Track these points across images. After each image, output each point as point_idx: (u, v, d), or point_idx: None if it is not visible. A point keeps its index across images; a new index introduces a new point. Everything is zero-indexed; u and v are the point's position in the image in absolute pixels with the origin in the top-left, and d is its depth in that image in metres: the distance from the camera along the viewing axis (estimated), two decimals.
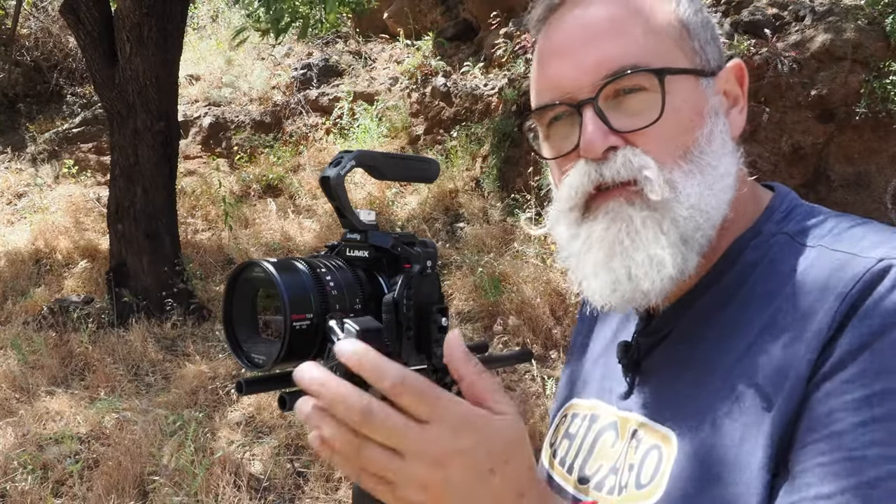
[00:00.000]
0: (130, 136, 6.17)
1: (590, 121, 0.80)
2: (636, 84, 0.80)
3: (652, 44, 0.81)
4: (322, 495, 4.04)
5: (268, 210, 7.93)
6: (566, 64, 0.83)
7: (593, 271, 0.83)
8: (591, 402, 0.98)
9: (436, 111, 7.96)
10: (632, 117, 0.81)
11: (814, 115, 5.60)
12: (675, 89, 0.80)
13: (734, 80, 0.87)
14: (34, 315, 6.25)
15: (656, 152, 0.80)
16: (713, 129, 0.82)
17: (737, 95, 0.87)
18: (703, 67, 0.84)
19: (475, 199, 6.97)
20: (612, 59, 0.80)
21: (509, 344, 5.16)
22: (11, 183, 8.87)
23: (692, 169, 0.80)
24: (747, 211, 0.87)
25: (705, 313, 0.84)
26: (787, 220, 0.84)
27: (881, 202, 5.42)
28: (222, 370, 5.20)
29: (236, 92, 9.56)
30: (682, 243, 0.80)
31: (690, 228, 0.79)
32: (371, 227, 0.81)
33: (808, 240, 0.80)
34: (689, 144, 0.81)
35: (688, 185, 0.80)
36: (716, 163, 0.81)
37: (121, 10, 5.94)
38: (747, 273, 0.82)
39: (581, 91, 0.81)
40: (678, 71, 0.81)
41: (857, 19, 5.55)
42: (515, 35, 7.45)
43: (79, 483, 4.06)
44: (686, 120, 0.81)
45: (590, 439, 0.92)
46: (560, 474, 0.95)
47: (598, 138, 0.80)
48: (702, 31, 0.85)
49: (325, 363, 0.75)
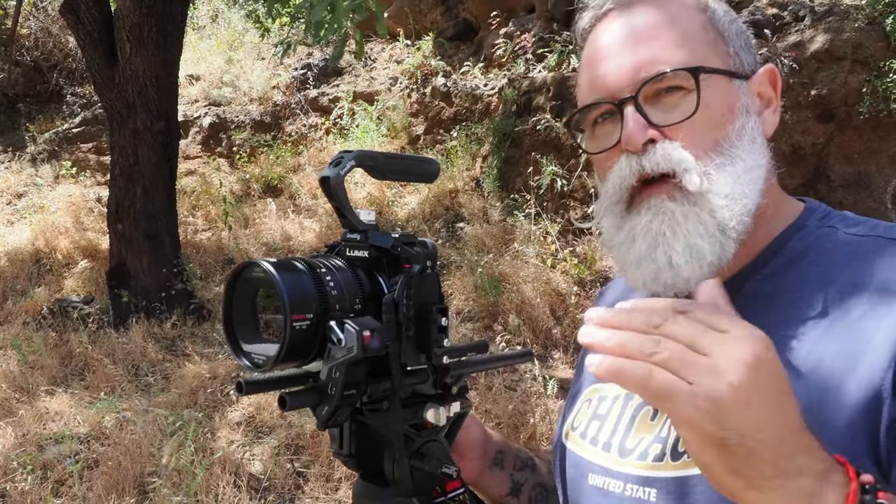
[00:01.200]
0: (130, 136, 6.17)
1: (630, 116, 0.87)
2: (673, 83, 0.86)
3: (688, 47, 0.88)
4: (322, 495, 4.04)
5: (268, 210, 7.92)
6: (609, 67, 0.90)
7: (637, 261, 0.88)
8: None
9: (436, 111, 7.96)
10: (669, 112, 0.87)
11: (814, 115, 5.60)
12: (709, 87, 0.86)
13: (767, 82, 0.94)
14: (34, 315, 6.25)
15: (691, 145, 0.85)
16: (744, 126, 0.88)
17: (770, 97, 0.94)
18: (737, 70, 0.90)
19: (475, 199, 6.96)
20: (651, 61, 0.87)
21: (509, 344, 5.16)
22: (11, 183, 8.87)
23: (724, 161, 0.86)
24: (786, 210, 0.93)
25: (756, 296, 0.88)
26: (829, 218, 0.90)
27: (881, 202, 5.42)
28: (222, 370, 5.20)
29: (236, 92, 9.56)
30: (719, 232, 0.84)
31: (726, 217, 0.84)
32: (371, 227, 0.81)
33: (857, 232, 0.86)
34: (720, 138, 0.86)
35: (721, 176, 0.85)
36: (745, 155, 0.86)
37: (121, 10, 5.94)
38: (796, 259, 0.87)
39: (622, 91, 0.88)
40: (712, 70, 0.87)
41: (857, 19, 5.54)
42: (515, 35, 7.45)
43: (79, 483, 4.06)
44: (718, 115, 0.87)
45: (627, 416, 0.94)
46: (591, 452, 0.97)
47: (638, 132, 0.86)
48: (736, 38, 0.92)
49: (325, 363, 0.75)
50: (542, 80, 6.75)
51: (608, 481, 0.91)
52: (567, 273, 5.71)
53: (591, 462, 0.95)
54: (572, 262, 5.72)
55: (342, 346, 0.73)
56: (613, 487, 0.90)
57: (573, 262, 5.72)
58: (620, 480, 0.90)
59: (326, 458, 4.20)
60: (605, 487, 0.92)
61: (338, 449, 0.83)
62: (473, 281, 5.73)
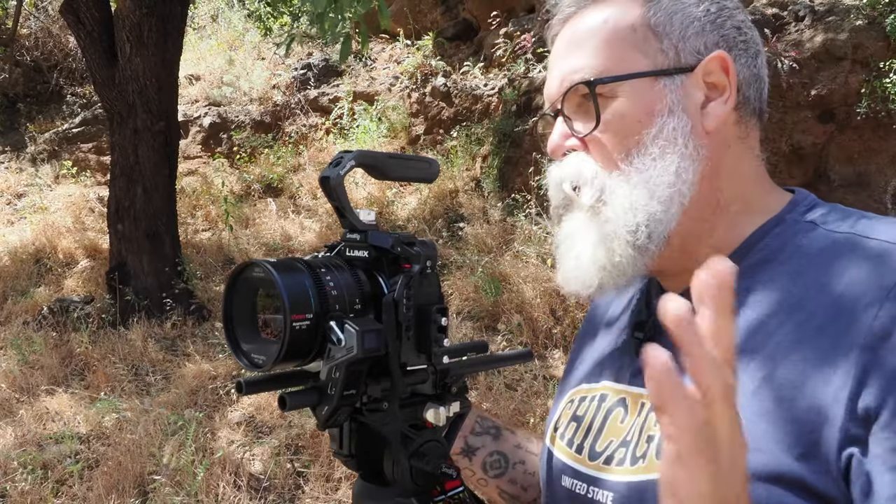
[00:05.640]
0: (130, 135, 6.17)
1: (557, 126, 0.92)
2: (584, 94, 0.88)
3: (605, 53, 0.88)
4: (322, 495, 4.04)
5: (268, 210, 7.92)
6: (551, 76, 0.94)
7: (559, 264, 0.94)
8: (600, 384, 1.00)
9: (436, 111, 7.95)
10: (585, 124, 0.89)
11: (814, 115, 5.60)
12: (623, 93, 0.86)
13: (719, 70, 0.87)
14: (34, 315, 6.25)
15: (601, 156, 0.88)
16: (663, 128, 0.85)
17: (724, 86, 0.87)
18: (668, 66, 0.86)
19: (475, 199, 6.96)
20: (571, 73, 0.89)
21: (510, 344, 5.16)
22: (11, 183, 8.87)
23: (630, 170, 0.86)
24: (769, 202, 0.89)
25: None
26: (811, 211, 0.87)
27: (881, 202, 5.42)
28: (222, 370, 5.20)
29: (236, 92, 9.56)
30: (610, 240, 0.86)
31: (620, 225, 0.85)
32: (371, 228, 0.81)
33: (835, 227, 0.83)
34: (631, 146, 0.86)
35: (622, 187, 0.86)
36: (657, 162, 0.85)
37: (121, 10, 5.94)
38: (769, 258, 0.84)
39: (556, 101, 0.91)
40: (613, 79, 0.86)
41: (857, 19, 5.54)
42: (515, 35, 7.45)
43: (79, 483, 4.06)
44: (632, 123, 0.86)
45: (599, 419, 0.95)
46: (567, 454, 0.97)
47: (556, 143, 0.91)
48: (679, 28, 0.87)
49: (324, 363, 0.75)
50: (542, 80, 6.75)
51: (576, 483, 0.93)
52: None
53: (566, 464, 0.96)
54: None
55: (342, 346, 0.73)
56: (580, 490, 0.92)
57: None
58: (585, 483, 0.91)
59: (326, 458, 4.20)
60: (573, 489, 0.93)
61: (338, 449, 0.83)
62: (473, 281, 5.73)
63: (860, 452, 0.68)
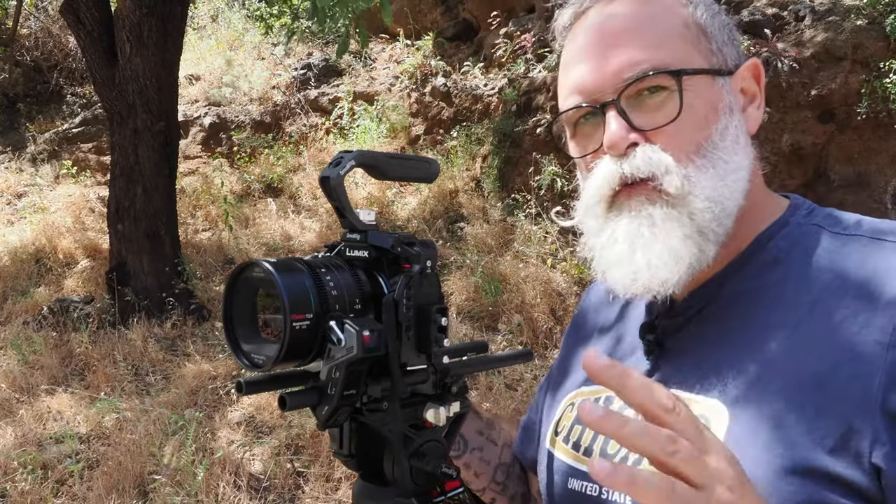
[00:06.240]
0: (130, 135, 6.17)
1: (613, 120, 0.86)
2: (656, 84, 0.85)
3: (669, 47, 0.86)
4: (322, 495, 4.04)
5: (268, 210, 7.92)
6: (590, 68, 0.88)
7: (617, 262, 0.88)
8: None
9: (436, 111, 7.95)
10: (652, 115, 0.85)
11: (814, 115, 5.60)
12: (692, 87, 0.85)
13: (751, 77, 0.92)
14: (34, 315, 6.25)
15: (673, 148, 0.84)
16: (727, 125, 0.86)
17: (754, 93, 0.92)
18: (720, 67, 0.88)
19: (475, 199, 6.96)
20: (632, 63, 0.85)
21: (510, 344, 5.16)
22: (11, 183, 8.87)
23: (705, 163, 0.85)
24: (770, 208, 0.91)
25: (737, 296, 0.87)
26: (813, 215, 0.89)
27: (881, 202, 5.42)
28: (222, 370, 5.20)
29: (236, 92, 9.56)
30: (698, 234, 0.84)
31: (706, 220, 0.84)
32: (371, 228, 0.81)
33: (841, 230, 0.85)
34: (702, 140, 0.85)
35: (702, 179, 0.84)
36: (727, 157, 0.85)
37: (121, 10, 5.94)
38: (779, 258, 0.86)
39: (604, 93, 0.86)
40: (694, 71, 0.85)
41: (858, 19, 5.54)
42: (515, 35, 7.45)
43: (79, 483, 4.06)
44: (701, 117, 0.85)
45: None
46: (572, 457, 0.97)
47: (621, 136, 0.85)
48: (719, 33, 0.90)
49: (325, 363, 0.75)
50: (542, 80, 6.75)
51: (586, 485, 0.92)
52: (567, 273, 5.71)
53: (573, 467, 0.96)
54: (572, 262, 5.72)
55: (342, 346, 0.73)
56: (591, 491, 0.91)
57: (573, 262, 5.72)
58: (597, 484, 0.90)
59: (326, 458, 4.20)
60: (582, 491, 0.93)
61: (338, 449, 0.83)
62: (473, 281, 5.73)
63: (891, 447, 0.70)
